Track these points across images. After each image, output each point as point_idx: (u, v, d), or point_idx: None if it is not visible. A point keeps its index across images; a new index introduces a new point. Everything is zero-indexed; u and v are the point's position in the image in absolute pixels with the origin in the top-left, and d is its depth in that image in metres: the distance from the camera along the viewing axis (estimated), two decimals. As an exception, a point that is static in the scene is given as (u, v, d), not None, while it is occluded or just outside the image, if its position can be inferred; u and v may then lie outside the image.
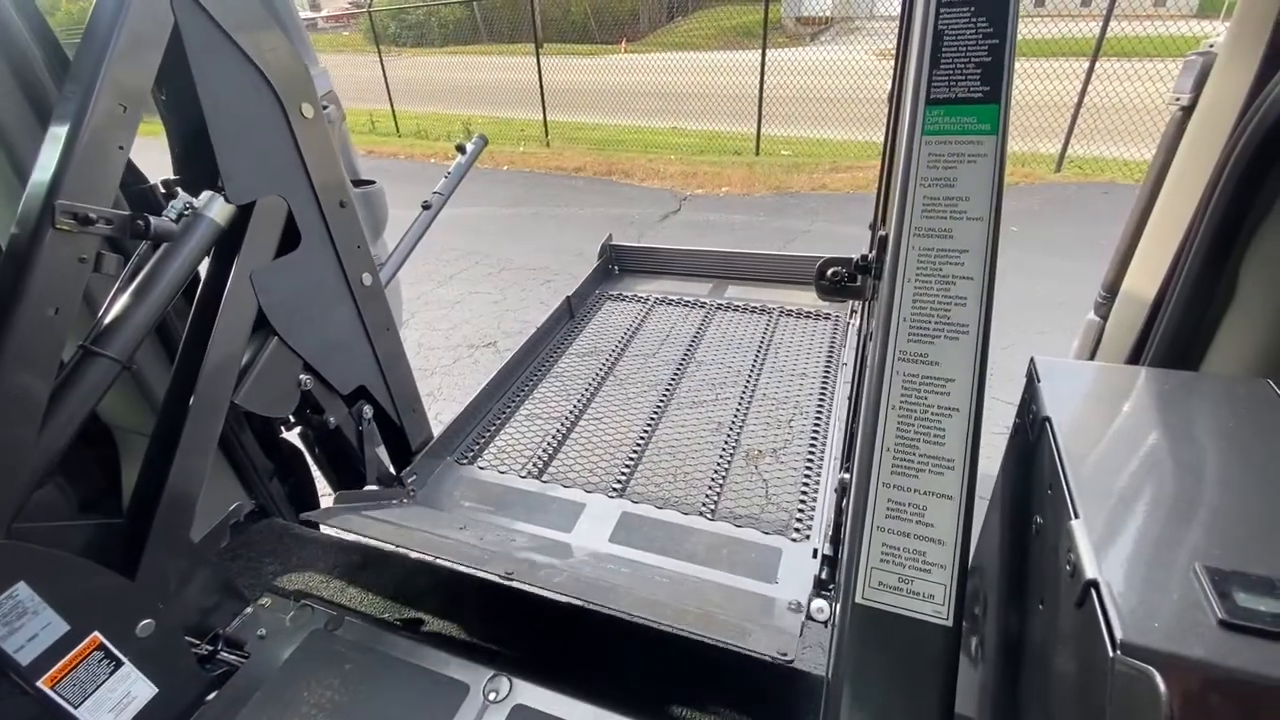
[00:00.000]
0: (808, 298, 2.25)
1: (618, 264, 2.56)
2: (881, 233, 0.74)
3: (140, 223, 0.89)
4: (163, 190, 1.26)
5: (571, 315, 2.25)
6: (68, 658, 0.92)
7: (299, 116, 1.10)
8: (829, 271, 0.62)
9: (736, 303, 2.26)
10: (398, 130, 11.37)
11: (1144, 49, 8.04)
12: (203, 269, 1.12)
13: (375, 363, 1.40)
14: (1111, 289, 1.12)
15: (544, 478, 1.53)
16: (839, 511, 1.19)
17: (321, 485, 1.78)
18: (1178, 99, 0.98)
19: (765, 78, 8.18)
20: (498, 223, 6.46)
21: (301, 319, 1.21)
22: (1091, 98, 6.77)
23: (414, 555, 1.51)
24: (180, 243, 1.00)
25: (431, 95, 13.09)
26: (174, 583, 1.11)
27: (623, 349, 2.04)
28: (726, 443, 1.61)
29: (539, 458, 1.60)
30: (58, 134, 0.83)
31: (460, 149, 1.93)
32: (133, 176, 1.21)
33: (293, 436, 1.71)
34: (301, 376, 1.25)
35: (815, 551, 1.20)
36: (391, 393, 1.46)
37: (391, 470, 1.53)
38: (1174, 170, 1.00)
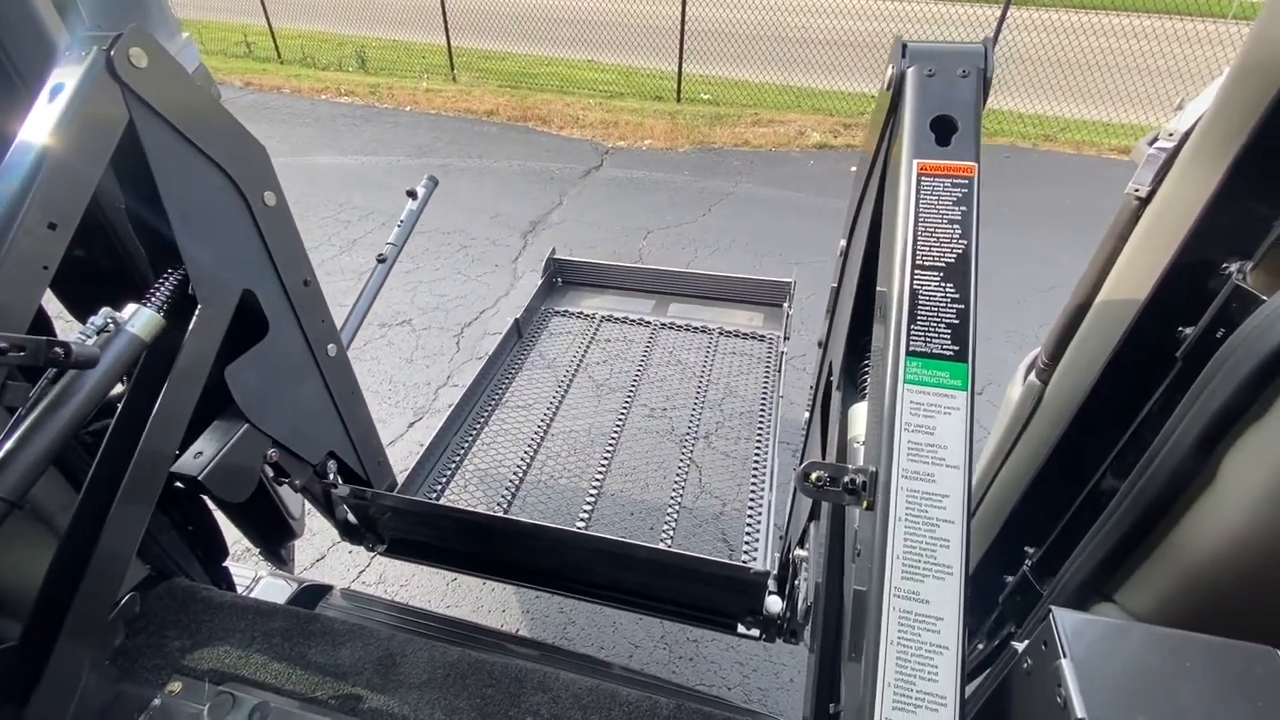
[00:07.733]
0: (743, 316, 2.48)
1: (561, 276, 2.64)
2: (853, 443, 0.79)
3: (59, 350, 0.81)
4: None
5: (520, 336, 2.28)
6: None
7: (261, 206, 1.08)
8: (813, 475, 0.65)
9: (679, 322, 2.42)
10: (279, 55, 10.08)
11: None
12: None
13: (343, 428, 1.41)
14: (1053, 358, 1.19)
15: (509, 512, 1.58)
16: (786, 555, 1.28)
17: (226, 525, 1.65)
18: (1136, 190, 1.02)
19: (686, 7, 7.85)
20: (403, 176, 5.93)
21: (272, 402, 1.20)
22: (1001, 48, 6.98)
23: (340, 618, 1.45)
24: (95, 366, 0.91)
25: (316, 11, 11.62)
26: (72, 708, 1.01)
27: (573, 374, 2.11)
28: (680, 463, 1.72)
29: (502, 495, 1.63)
30: None
31: (411, 194, 1.95)
32: None
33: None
34: (269, 451, 1.25)
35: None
36: (358, 451, 1.47)
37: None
38: (1124, 256, 1.04)
